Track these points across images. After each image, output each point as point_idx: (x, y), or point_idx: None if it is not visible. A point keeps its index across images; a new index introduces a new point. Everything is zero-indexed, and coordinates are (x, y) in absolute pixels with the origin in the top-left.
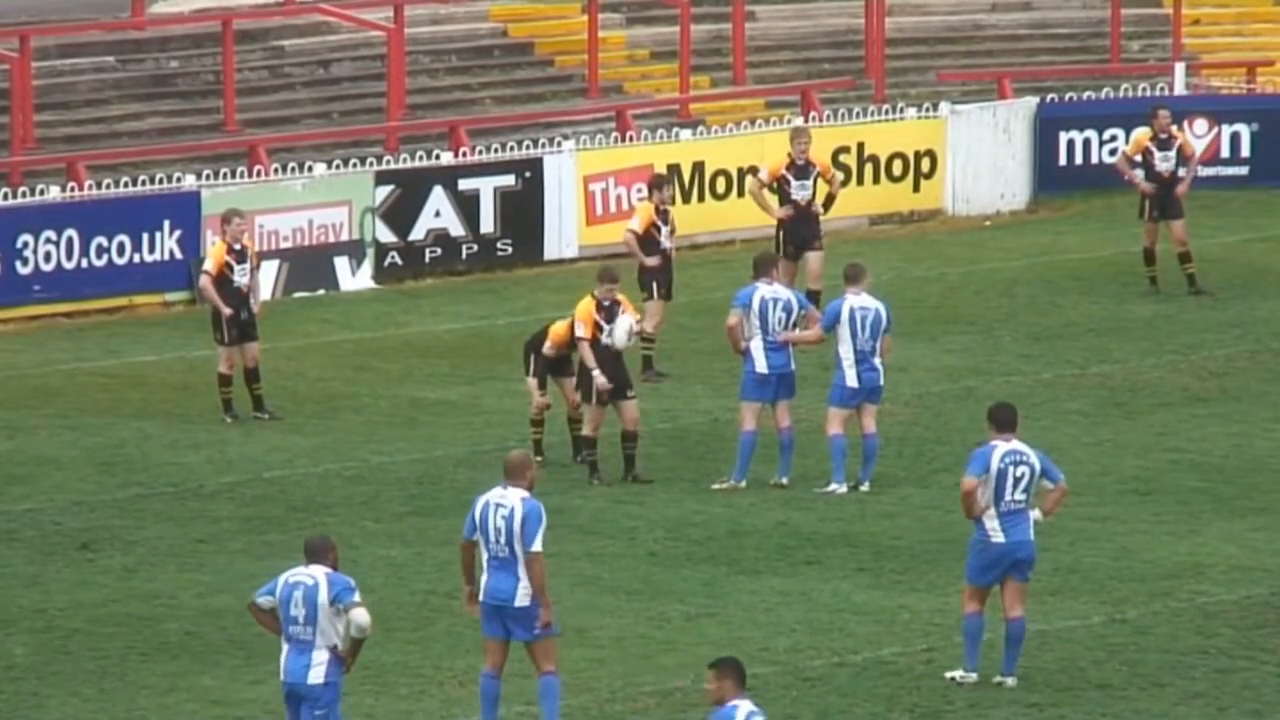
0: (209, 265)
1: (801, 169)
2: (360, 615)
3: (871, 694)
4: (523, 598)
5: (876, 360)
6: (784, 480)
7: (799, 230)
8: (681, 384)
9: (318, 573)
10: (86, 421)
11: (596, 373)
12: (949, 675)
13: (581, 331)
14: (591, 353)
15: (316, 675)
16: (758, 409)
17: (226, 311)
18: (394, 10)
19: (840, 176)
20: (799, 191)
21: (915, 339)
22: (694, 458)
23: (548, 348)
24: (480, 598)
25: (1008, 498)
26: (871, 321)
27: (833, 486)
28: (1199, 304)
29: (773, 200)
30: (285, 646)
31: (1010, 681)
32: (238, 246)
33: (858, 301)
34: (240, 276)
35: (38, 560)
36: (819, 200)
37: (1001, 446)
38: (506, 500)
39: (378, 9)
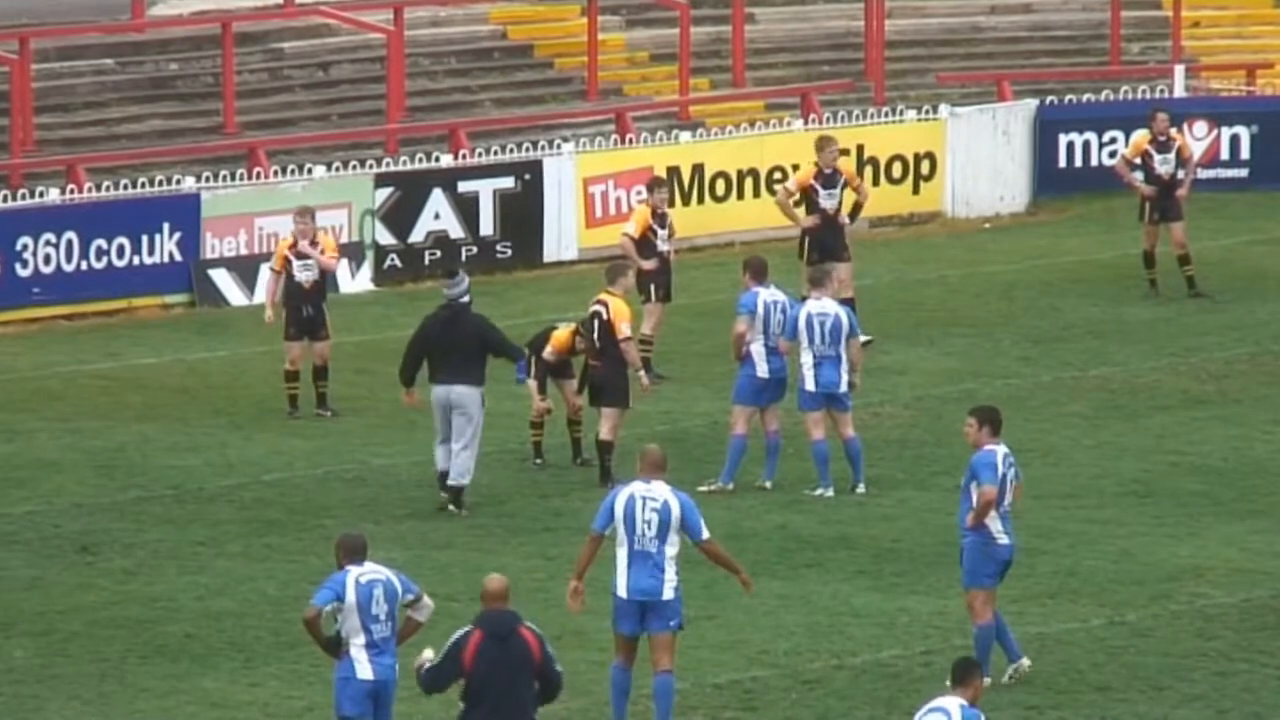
0: (273, 260)
1: (829, 177)
2: (430, 601)
3: (871, 696)
4: (669, 590)
5: (841, 367)
6: (768, 484)
7: (825, 239)
8: (681, 386)
9: (383, 569)
10: (86, 424)
11: (643, 374)
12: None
13: (628, 331)
14: (638, 353)
15: (395, 670)
16: (750, 413)
17: (269, 314)
18: (393, 12)
19: (866, 187)
20: (827, 200)
21: (914, 342)
22: (693, 460)
23: (548, 353)
24: (622, 595)
25: (1006, 501)
26: (830, 327)
27: (820, 491)
28: (1199, 306)
29: (799, 210)
30: (363, 649)
31: (1026, 662)
32: (304, 243)
33: (816, 307)
34: (302, 273)
35: (37, 563)
36: (845, 209)
37: (1000, 450)
38: (656, 494)
39: (377, 11)
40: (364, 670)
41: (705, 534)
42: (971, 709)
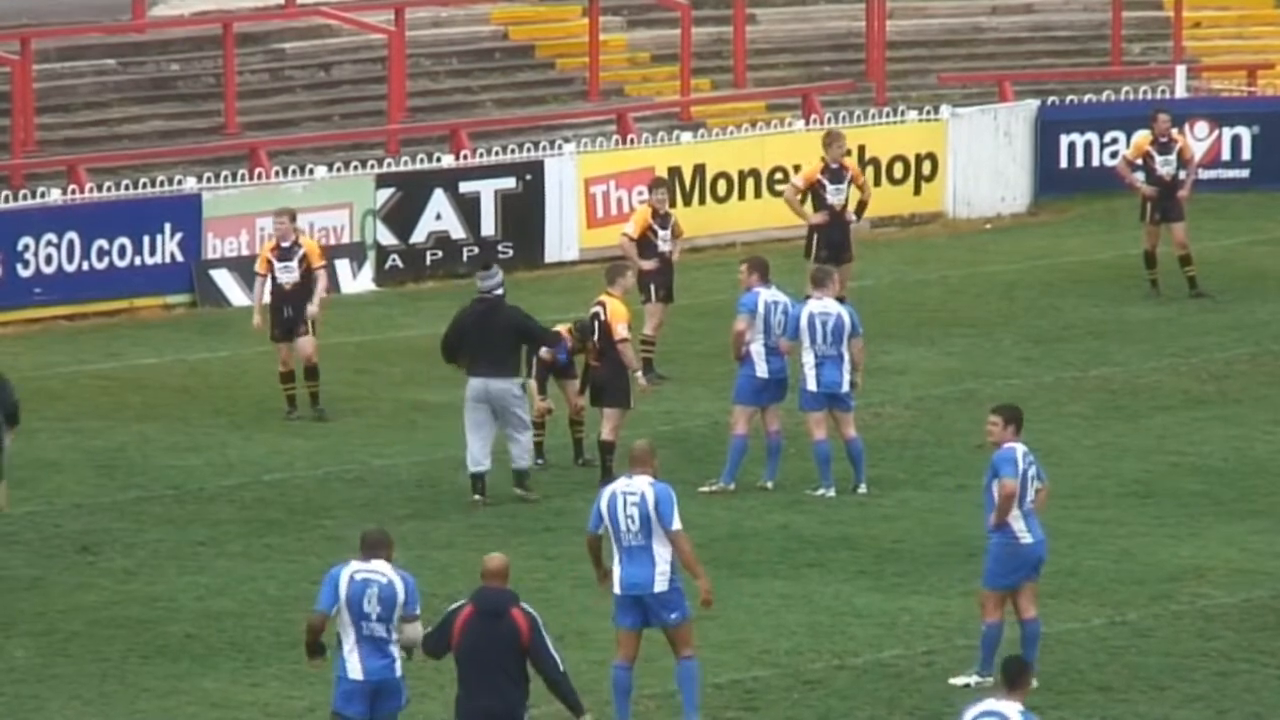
0: (257, 264)
1: (836, 173)
2: (416, 631)
3: (872, 697)
4: (661, 583)
5: (843, 367)
6: (769, 484)
7: (833, 236)
8: (682, 387)
9: (387, 570)
10: (87, 424)
11: (640, 374)
12: (960, 681)
13: (624, 332)
14: (634, 354)
15: (398, 669)
16: (751, 413)
17: (256, 319)
18: (395, 13)
19: (869, 184)
20: (834, 196)
21: (915, 342)
22: (694, 460)
23: (544, 352)
24: (616, 590)
25: (1028, 499)
26: (832, 327)
27: (821, 491)
28: (1199, 307)
29: (807, 206)
30: (354, 646)
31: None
32: (285, 244)
33: (818, 307)
34: (283, 274)
35: (38, 563)
36: (851, 207)
37: (1020, 448)
38: (634, 487)
39: (379, 12)
40: (354, 670)
41: (676, 524)
42: (1028, 714)
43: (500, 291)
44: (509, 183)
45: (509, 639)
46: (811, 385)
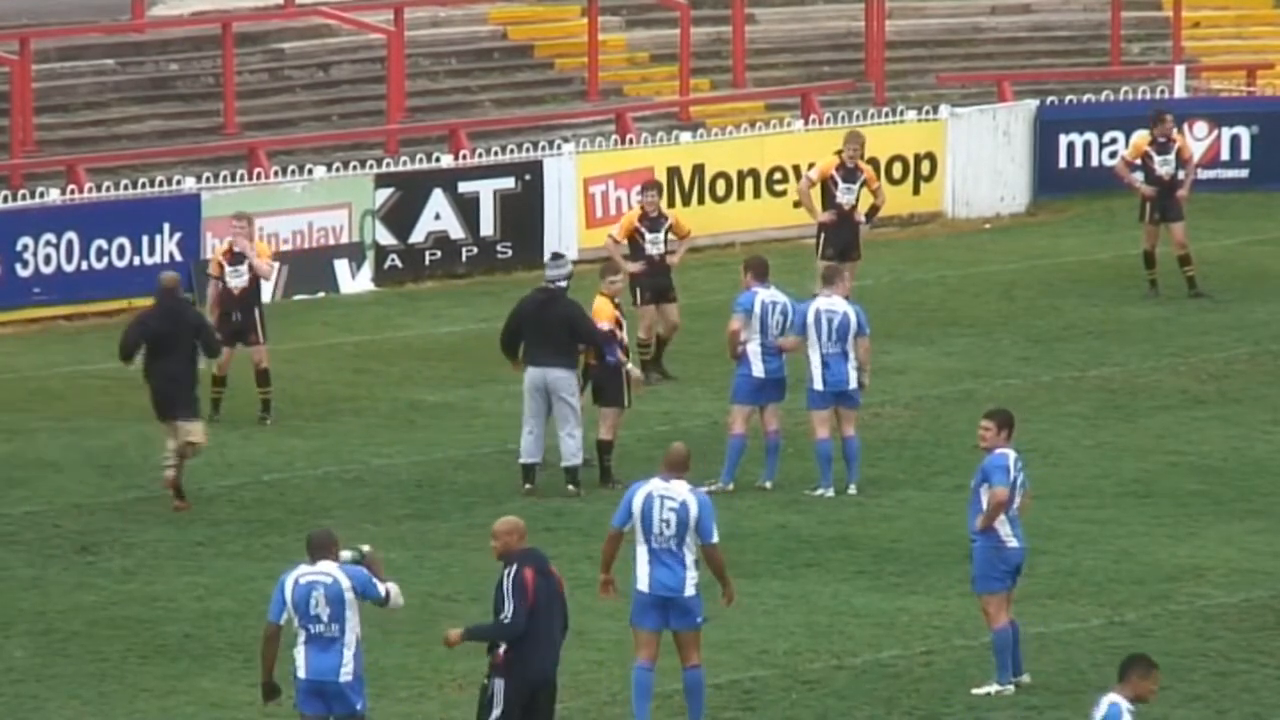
0: (210, 265)
1: (850, 172)
2: (395, 597)
3: (870, 696)
4: (689, 587)
5: (849, 364)
6: (768, 484)
7: (842, 235)
8: (681, 387)
9: (331, 569)
10: (86, 424)
11: (630, 366)
12: (982, 691)
13: (608, 329)
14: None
15: (347, 673)
16: (748, 413)
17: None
18: (394, 13)
19: (884, 191)
20: (844, 195)
21: (914, 342)
22: (693, 460)
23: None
24: (643, 589)
25: (1014, 505)
26: (838, 325)
27: (820, 490)
28: (1198, 306)
29: (818, 202)
30: (302, 647)
31: (1027, 678)
32: (237, 249)
33: (825, 304)
34: (233, 279)
35: (37, 563)
36: (861, 209)
37: (1012, 455)
38: (674, 493)
39: (378, 12)
40: (300, 668)
41: (715, 538)
42: (1116, 706)
43: (564, 284)
44: (508, 183)
45: (560, 592)
46: (818, 384)
